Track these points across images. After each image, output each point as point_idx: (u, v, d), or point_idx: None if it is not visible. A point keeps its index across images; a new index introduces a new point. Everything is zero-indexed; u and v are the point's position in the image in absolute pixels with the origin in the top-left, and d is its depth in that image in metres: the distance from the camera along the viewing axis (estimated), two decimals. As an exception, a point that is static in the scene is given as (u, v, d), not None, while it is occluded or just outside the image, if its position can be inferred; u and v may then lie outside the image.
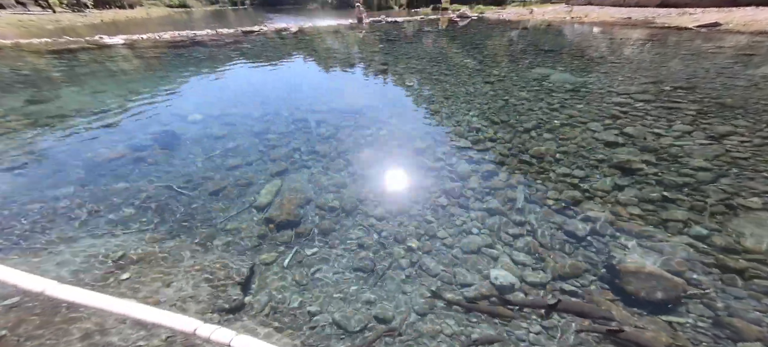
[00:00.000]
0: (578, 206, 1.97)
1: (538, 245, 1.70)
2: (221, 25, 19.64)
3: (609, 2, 14.40)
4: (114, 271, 1.47)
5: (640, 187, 2.11)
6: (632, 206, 1.94)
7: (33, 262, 1.54)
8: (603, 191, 2.09)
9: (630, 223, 1.80)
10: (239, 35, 10.20)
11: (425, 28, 9.74)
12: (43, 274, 1.20)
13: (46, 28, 16.78)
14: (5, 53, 6.72)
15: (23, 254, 1.64)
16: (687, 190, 2.04)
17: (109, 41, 8.30)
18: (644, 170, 2.28)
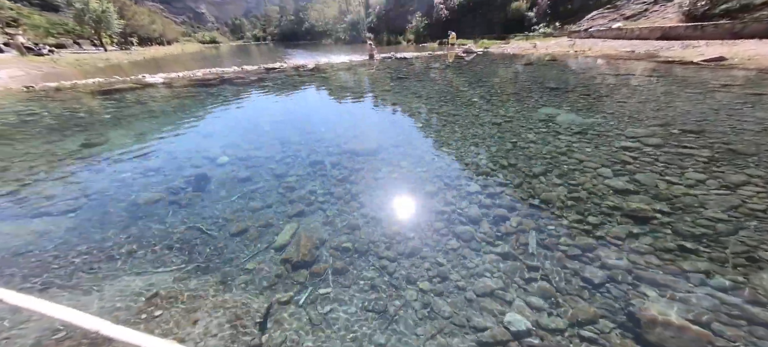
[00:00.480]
0: (593, 253, 1.98)
1: (553, 290, 1.71)
2: (246, 61, 21.31)
3: (611, 35, 14.86)
4: (147, 309, 1.61)
5: (655, 236, 2.10)
6: (649, 254, 1.93)
7: (80, 300, 1.70)
8: (617, 239, 2.09)
9: (648, 271, 1.79)
10: (262, 72, 11.01)
11: (433, 65, 10.22)
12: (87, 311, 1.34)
13: (97, 66, 18.74)
14: (65, 94, 7.53)
15: (73, 291, 1.82)
16: (705, 241, 2.02)
17: (151, 80, 9.22)
18: (659, 220, 2.28)
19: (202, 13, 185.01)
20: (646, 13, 16.79)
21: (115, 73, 14.37)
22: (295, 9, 79.60)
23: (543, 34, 19.78)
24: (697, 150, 3.34)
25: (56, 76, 12.28)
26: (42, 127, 5.07)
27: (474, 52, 13.13)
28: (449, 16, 28.55)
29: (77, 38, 35.79)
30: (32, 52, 20.34)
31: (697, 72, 6.84)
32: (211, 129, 4.96)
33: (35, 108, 6.13)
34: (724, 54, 7.69)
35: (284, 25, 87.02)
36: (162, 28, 58.86)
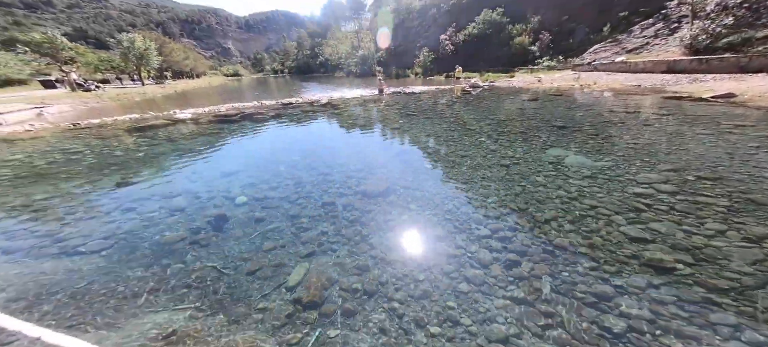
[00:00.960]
0: (611, 301, 1.92)
1: (570, 339, 1.66)
2: (264, 94, 22.81)
3: (615, 68, 15.17)
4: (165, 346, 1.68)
5: (678, 287, 2.04)
6: (672, 305, 1.87)
7: (102, 334, 1.82)
8: (637, 288, 2.04)
9: (673, 323, 1.73)
10: (279, 107, 11.74)
11: (440, 101, 10.60)
12: None
13: (135, 100, 20.58)
14: (106, 131, 8.20)
15: (97, 327, 1.95)
16: (733, 294, 1.96)
17: (180, 116, 9.99)
18: (680, 270, 2.22)
19: (228, 49, 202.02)
20: (647, 46, 17.20)
21: (150, 107, 15.61)
22: (311, 44, 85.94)
23: (547, 67, 20.36)
24: (714, 199, 3.27)
25: (99, 111, 13.44)
26: (84, 166, 5.49)
27: (480, 87, 13.59)
28: (455, 51, 30.00)
29: (120, 73, 39.59)
30: (81, 88, 22.47)
31: (707, 109, 6.83)
32: (232, 168, 5.25)
33: (79, 146, 6.67)
34: (733, 90, 7.68)
35: (300, 59, 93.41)
36: (193, 63, 64.46)
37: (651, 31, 18.03)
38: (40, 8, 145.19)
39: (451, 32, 32.37)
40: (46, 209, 3.93)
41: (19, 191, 4.53)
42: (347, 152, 5.72)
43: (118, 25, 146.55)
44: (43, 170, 5.31)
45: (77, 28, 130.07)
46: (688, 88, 9.31)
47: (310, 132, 7.39)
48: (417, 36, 42.40)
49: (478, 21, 29.32)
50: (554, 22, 26.31)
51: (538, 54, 23.68)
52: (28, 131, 8.23)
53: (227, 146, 6.46)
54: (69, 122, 9.34)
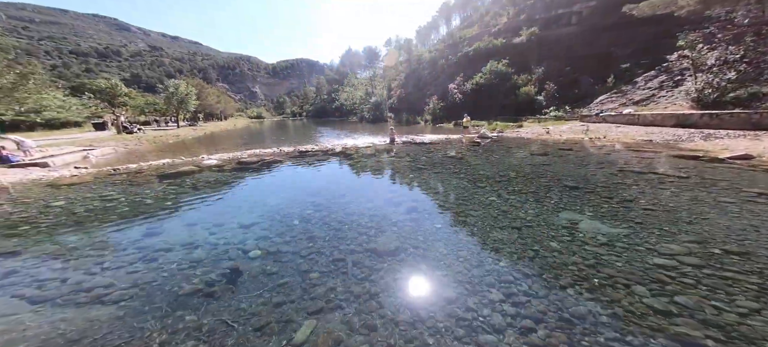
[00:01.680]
0: None
1: None
2: (283, 139, 24.31)
3: (624, 120, 15.38)
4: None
5: None
6: None
7: None
8: None
9: None
10: (297, 154, 12.42)
11: (449, 153, 10.90)
12: None
13: (169, 142, 22.36)
14: (140, 178, 8.80)
15: None
16: None
17: (207, 162, 10.71)
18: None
19: (255, 92, 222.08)
20: (654, 98, 17.57)
21: (182, 151, 16.87)
22: (328, 90, 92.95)
23: (554, 117, 20.89)
24: (744, 276, 3.12)
25: (137, 154, 14.67)
26: (117, 214, 5.88)
27: (488, 138, 13.98)
28: (463, 99, 31.56)
29: (161, 116, 43.74)
30: (126, 130, 24.85)
31: (725, 172, 6.70)
32: (249, 220, 5.47)
33: (115, 193, 7.18)
34: (750, 151, 7.58)
35: (318, 104, 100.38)
36: (223, 106, 70.62)
37: (655, 83, 18.56)
38: (109, 57, 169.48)
39: (459, 81, 34.43)
40: (78, 258, 4.18)
41: (56, 238, 4.87)
42: (359, 208, 5.87)
43: (168, 71, 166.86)
44: (80, 218, 5.71)
45: (134, 74, 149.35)
46: (702, 145, 9.24)
47: (324, 184, 7.69)
48: (427, 84, 45.26)
49: (485, 71, 31.23)
50: (558, 72, 27.68)
51: (544, 104, 24.52)
52: (73, 175, 8.98)
53: (246, 197, 6.80)
54: (110, 166, 10.19)
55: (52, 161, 10.92)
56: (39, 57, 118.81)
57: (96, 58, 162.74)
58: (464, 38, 48.33)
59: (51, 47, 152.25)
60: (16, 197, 6.96)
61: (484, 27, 50.06)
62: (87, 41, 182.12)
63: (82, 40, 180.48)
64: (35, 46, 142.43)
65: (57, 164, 11.02)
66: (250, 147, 17.32)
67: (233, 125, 55.78)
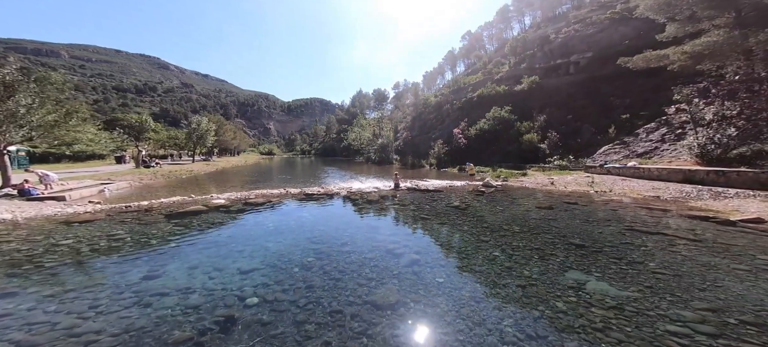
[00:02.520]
0: None
1: None
2: (290, 178, 24.91)
3: (629, 173, 15.41)
4: None
5: None
6: None
7: None
8: None
9: None
10: (302, 196, 12.64)
11: (453, 202, 10.97)
12: None
13: (182, 177, 23.15)
14: (149, 216, 8.92)
15: None
16: None
17: (215, 202, 10.89)
18: None
19: (269, 128, 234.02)
20: (657, 150, 17.75)
21: (192, 187, 17.42)
22: (338, 129, 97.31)
23: (559, 166, 21.09)
24: None
25: (150, 190, 15.28)
26: (120, 254, 5.99)
27: (493, 186, 14.09)
28: (467, 144, 32.47)
29: (179, 149, 46.02)
30: (144, 164, 26.16)
31: (738, 236, 6.52)
32: (250, 265, 5.48)
33: (123, 232, 7.35)
34: (762, 214, 7.42)
35: (327, 142, 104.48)
36: (238, 142, 74.19)
37: (657, 136, 18.90)
38: (145, 93, 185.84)
39: (463, 126, 35.79)
40: (74, 300, 4.21)
41: (57, 278, 4.95)
42: (360, 257, 5.85)
43: (194, 107, 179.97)
44: (84, 257, 5.83)
45: (163, 109, 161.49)
46: (711, 204, 9.10)
47: (326, 230, 7.76)
48: (432, 128, 47.10)
49: (488, 117, 32.55)
50: (559, 120, 28.60)
51: (547, 152, 24.94)
52: (87, 211, 9.33)
53: (249, 241, 6.87)
54: (123, 203, 10.58)
55: (69, 195, 11.43)
56: (85, 92, 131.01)
57: (133, 93, 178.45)
58: (468, 84, 51.33)
59: (98, 83, 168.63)
60: (27, 235, 7.20)
61: (487, 74, 53.33)
62: (130, 78, 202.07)
63: (126, 77, 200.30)
64: (85, 83, 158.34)
65: (73, 198, 11.52)
66: (258, 186, 17.64)
67: (244, 161, 57.87)
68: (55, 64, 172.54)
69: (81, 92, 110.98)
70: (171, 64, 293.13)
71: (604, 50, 34.92)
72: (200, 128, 38.23)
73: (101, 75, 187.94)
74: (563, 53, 40.69)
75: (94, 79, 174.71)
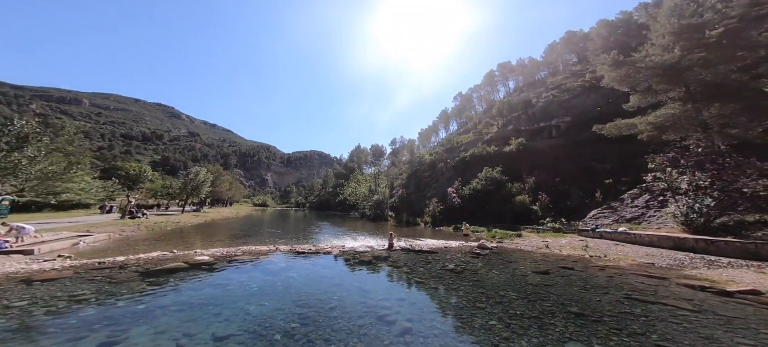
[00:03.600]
0: None
1: None
2: (282, 231, 24.07)
3: (621, 238, 15.51)
4: None
5: None
6: None
7: None
8: None
9: None
10: (292, 254, 12.14)
11: (448, 265, 10.68)
12: None
13: (167, 230, 22.14)
14: (122, 274, 8.31)
15: None
16: None
17: (198, 258, 10.31)
18: None
19: (266, 179, 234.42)
20: (644, 217, 18.17)
21: (176, 240, 16.64)
22: (334, 184, 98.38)
23: (552, 229, 21.18)
24: None
25: (129, 244, 14.51)
26: (79, 318, 5.47)
27: (488, 248, 13.91)
28: (461, 204, 32.87)
29: (170, 199, 45.02)
30: (130, 215, 25.32)
31: (737, 308, 6.37)
32: (226, 331, 5.02)
33: (89, 292, 6.81)
34: (757, 286, 7.37)
35: (322, 196, 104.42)
36: (233, 193, 73.53)
37: (641, 202, 19.56)
38: (152, 140, 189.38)
39: (457, 185, 36.73)
40: None
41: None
42: (349, 325, 5.46)
43: (196, 156, 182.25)
44: (34, 323, 5.27)
45: (165, 157, 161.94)
46: (707, 274, 9.04)
47: (314, 292, 7.35)
48: (427, 186, 48.15)
49: (480, 177, 33.69)
50: (548, 183, 29.69)
51: (540, 214, 25.29)
52: (53, 268, 8.69)
53: (229, 303, 6.42)
54: (97, 258, 9.98)
55: (38, 249, 10.80)
56: (92, 139, 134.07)
57: (139, 141, 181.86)
58: (461, 144, 54.29)
59: (108, 130, 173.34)
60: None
61: (477, 134, 56.63)
62: (140, 126, 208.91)
63: (136, 125, 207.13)
64: (96, 129, 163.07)
65: (43, 252, 10.85)
66: (247, 241, 17.13)
67: (236, 212, 56.46)
68: (75, 112, 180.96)
69: (89, 138, 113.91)
70: (183, 114, 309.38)
71: (580, 116, 38.42)
72: (197, 179, 38.32)
73: (114, 122, 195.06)
74: (545, 117, 44.54)
75: (105, 126, 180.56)
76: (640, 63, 20.14)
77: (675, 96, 19.57)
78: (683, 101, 18.87)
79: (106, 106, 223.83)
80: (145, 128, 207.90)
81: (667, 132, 19.07)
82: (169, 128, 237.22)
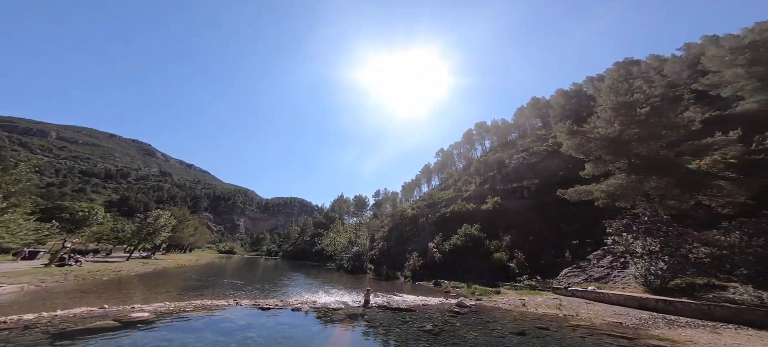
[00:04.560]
0: None
1: None
2: (244, 285, 21.59)
3: (591, 296, 16.01)
4: None
5: None
6: None
7: None
8: None
9: None
10: (256, 310, 11.12)
11: (426, 325, 10.38)
12: None
13: (102, 280, 19.19)
14: (27, 337, 6.90)
15: None
16: None
17: (135, 314, 8.99)
18: None
19: (238, 225, 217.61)
20: (609, 276, 19.08)
21: (112, 292, 14.46)
22: (313, 233, 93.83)
23: (529, 286, 21.40)
24: None
25: (49, 296, 12.47)
26: None
27: (467, 306, 13.70)
28: (442, 259, 32.60)
29: (118, 244, 39.97)
30: (60, 262, 22.17)
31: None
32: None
33: None
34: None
35: (299, 245, 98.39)
36: (197, 239, 67.18)
37: (606, 262, 20.69)
38: (113, 179, 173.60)
39: (438, 240, 36.81)
40: None
41: None
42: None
43: (162, 197, 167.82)
44: None
45: (124, 197, 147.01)
46: (668, 334, 9.51)
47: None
48: (408, 240, 47.61)
49: (460, 233, 34.22)
50: (523, 241, 30.69)
51: (516, 271, 25.65)
52: None
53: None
54: None
55: None
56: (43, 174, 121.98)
57: (101, 179, 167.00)
58: (442, 199, 55.71)
59: (66, 166, 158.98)
60: None
61: (457, 191, 58.55)
62: (107, 162, 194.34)
63: (103, 161, 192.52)
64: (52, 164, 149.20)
65: None
66: (202, 294, 15.35)
67: (196, 259, 50.96)
68: (37, 145, 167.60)
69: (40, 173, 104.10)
70: (158, 152, 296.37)
71: (547, 179, 41.76)
72: (156, 223, 35.20)
73: (78, 157, 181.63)
74: (517, 178, 47.87)
75: (65, 161, 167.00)
76: (590, 134, 23.30)
77: (621, 167, 22.31)
78: (627, 172, 21.48)
79: (74, 139, 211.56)
80: (112, 164, 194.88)
81: (618, 200, 21.17)
82: (139, 166, 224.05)
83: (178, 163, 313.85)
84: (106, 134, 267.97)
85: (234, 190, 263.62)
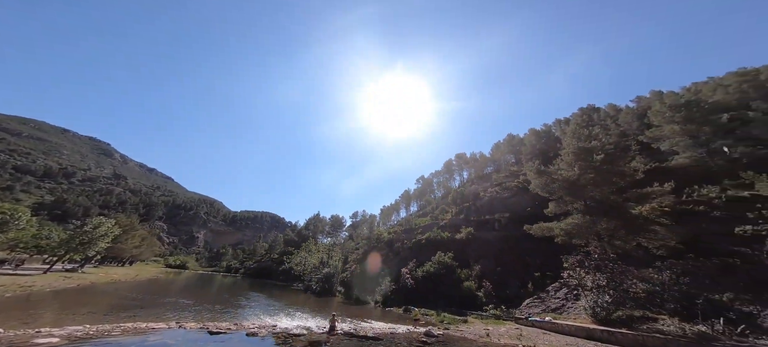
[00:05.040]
0: None
1: None
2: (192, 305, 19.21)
3: (548, 326, 17.07)
4: None
5: None
6: None
7: None
8: None
9: None
10: (203, 336, 9.83)
11: (393, 350, 10.47)
12: None
13: (2, 296, 15.80)
14: None
15: None
16: None
17: (41, 340, 7.30)
18: None
19: (197, 237, 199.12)
20: (564, 307, 20.48)
21: (16, 312, 12.19)
22: (282, 250, 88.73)
23: (494, 316, 22.19)
24: None
25: None
26: None
27: (434, 336, 13.98)
28: (414, 285, 32.68)
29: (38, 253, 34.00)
30: None
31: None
32: None
33: None
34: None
35: (264, 262, 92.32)
36: (141, 251, 60.42)
37: (562, 294, 22.24)
38: (51, 178, 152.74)
39: (411, 266, 36.97)
40: None
41: None
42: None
43: (108, 202, 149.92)
44: None
45: (61, 199, 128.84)
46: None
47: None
48: (383, 264, 47.13)
49: (434, 261, 34.77)
50: (491, 271, 31.93)
51: (483, 300, 26.50)
52: None
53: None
54: None
55: None
56: None
57: (37, 177, 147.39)
58: (418, 226, 56.31)
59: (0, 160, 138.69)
60: None
61: (434, 219, 59.62)
62: (51, 159, 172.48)
63: (46, 158, 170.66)
64: None
65: None
66: (136, 315, 13.59)
67: (135, 274, 44.93)
68: None
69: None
70: (117, 152, 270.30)
71: (516, 214, 44.37)
72: (95, 232, 31.27)
73: (15, 152, 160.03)
74: (489, 210, 50.21)
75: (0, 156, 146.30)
76: (554, 175, 25.77)
77: (578, 207, 24.76)
78: (583, 213, 23.90)
79: (18, 131, 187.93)
80: (55, 162, 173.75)
81: (575, 237, 23.31)
82: (90, 166, 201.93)
83: (137, 166, 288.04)
84: (58, 128, 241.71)
85: (198, 199, 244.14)
